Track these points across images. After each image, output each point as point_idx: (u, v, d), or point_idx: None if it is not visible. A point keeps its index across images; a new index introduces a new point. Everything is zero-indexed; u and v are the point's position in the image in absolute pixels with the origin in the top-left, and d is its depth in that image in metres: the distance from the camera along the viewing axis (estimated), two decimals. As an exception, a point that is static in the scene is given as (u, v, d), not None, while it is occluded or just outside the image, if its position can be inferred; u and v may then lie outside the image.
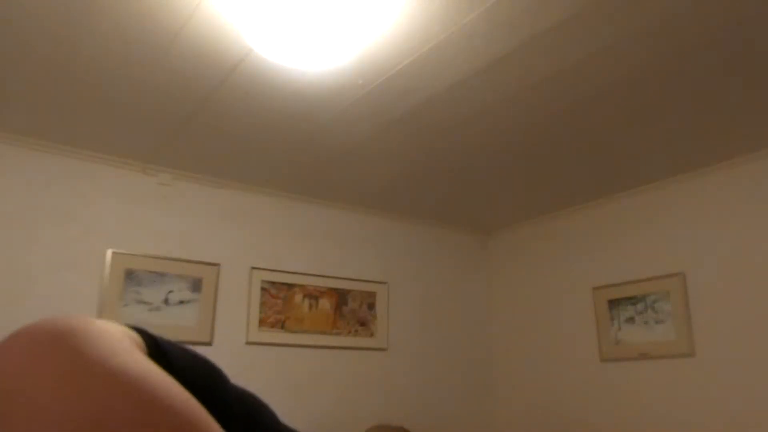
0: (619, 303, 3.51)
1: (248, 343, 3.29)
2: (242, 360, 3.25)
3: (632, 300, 3.44)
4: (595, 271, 3.69)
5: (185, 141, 2.91)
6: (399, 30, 2.04)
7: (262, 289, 3.41)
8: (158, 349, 0.46)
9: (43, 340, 0.40)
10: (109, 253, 3.00)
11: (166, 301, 3.09)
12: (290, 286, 3.51)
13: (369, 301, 3.78)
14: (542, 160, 3.13)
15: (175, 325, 3.08)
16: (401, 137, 2.87)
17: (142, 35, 2.07)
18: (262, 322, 3.36)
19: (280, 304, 3.45)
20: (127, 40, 2.10)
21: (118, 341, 0.42)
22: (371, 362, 3.69)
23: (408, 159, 3.12)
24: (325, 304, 3.61)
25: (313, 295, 3.58)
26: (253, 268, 3.41)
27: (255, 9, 1.89)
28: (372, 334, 3.73)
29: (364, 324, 3.72)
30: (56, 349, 0.39)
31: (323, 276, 3.64)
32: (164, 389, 0.39)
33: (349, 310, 3.68)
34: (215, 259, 3.29)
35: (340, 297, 3.67)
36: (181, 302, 3.13)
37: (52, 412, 0.35)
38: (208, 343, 3.17)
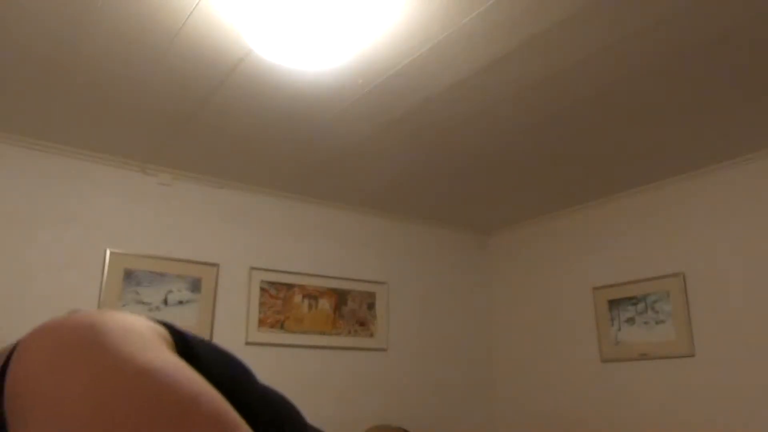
0: (619, 303, 3.51)
1: (247, 343, 3.29)
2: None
3: (632, 300, 3.44)
4: (595, 271, 3.69)
5: (185, 141, 2.91)
6: (399, 30, 2.04)
7: (262, 289, 3.41)
8: (186, 345, 0.44)
9: (69, 339, 0.38)
10: (108, 252, 3.00)
11: (165, 302, 3.08)
12: (290, 286, 3.51)
13: (369, 301, 3.78)
14: (542, 160, 3.13)
15: (175, 325, 3.08)
16: (401, 137, 2.86)
17: (142, 35, 2.07)
18: (261, 323, 3.36)
19: (280, 304, 3.45)
20: (127, 40, 2.10)
21: (144, 337, 0.40)
22: (371, 362, 3.69)
23: (408, 159, 3.12)
24: (325, 304, 3.60)
25: (313, 296, 3.57)
26: (253, 268, 3.41)
27: (255, 9, 1.89)
28: (372, 334, 3.73)
29: (363, 324, 3.72)
30: (83, 348, 0.37)
31: (323, 276, 3.64)
32: (195, 389, 0.37)
33: (348, 310, 3.68)
34: (215, 259, 3.29)
35: (340, 297, 3.67)
36: (180, 302, 3.13)
37: (81, 417, 0.34)
38: (208, 343, 3.16)
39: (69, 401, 0.35)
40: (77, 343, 0.38)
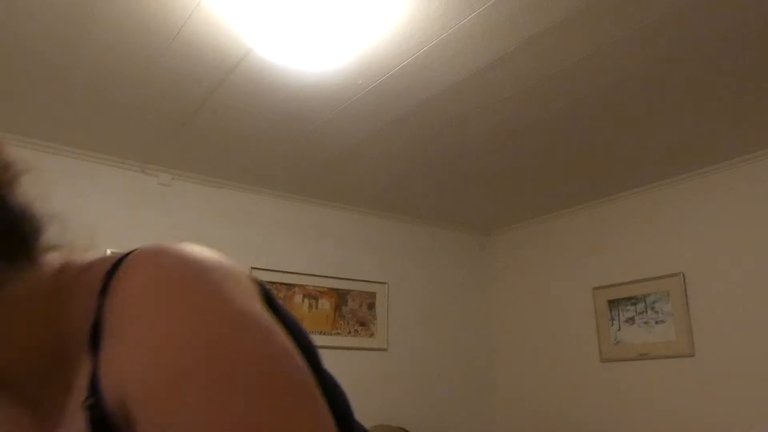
0: (619, 303, 3.51)
1: (248, 343, 3.29)
2: (242, 360, 3.25)
3: (632, 300, 3.44)
4: (595, 271, 3.69)
5: (185, 141, 2.91)
6: (399, 30, 2.04)
7: (262, 289, 3.41)
8: (271, 303, 0.45)
9: (172, 271, 0.39)
10: (108, 253, 2.99)
11: (165, 301, 3.08)
12: (290, 286, 3.51)
13: (369, 301, 3.78)
14: (542, 160, 3.13)
15: (175, 325, 3.08)
16: (401, 137, 2.86)
17: (142, 35, 2.07)
18: (261, 322, 3.36)
19: (280, 304, 3.45)
20: (127, 40, 2.10)
21: (243, 284, 0.41)
22: (371, 362, 3.69)
23: (408, 159, 3.12)
24: (325, 304, 3.61)
25: (313, 296, 3.57)
26: (253, 268, 3.41)
27: (255, 9, 1.89)
28: (372, 334, 3.73)
29: (364, 324, 3.72)
30: (186, 283, 0.38)
31: (323, 276, 3.64)
32: (288, 345, 0.38)
33: (348, 310, 3.68)
34: (215, 259, 3.29)
35: (340, 297, 3.67)
36: (181, 302, 3.12)
37: (186, 352, 0.35)
38: (208, 343, 3.16)
39: (170, 336, 0.35)
40: (180, 277, 0.38)
